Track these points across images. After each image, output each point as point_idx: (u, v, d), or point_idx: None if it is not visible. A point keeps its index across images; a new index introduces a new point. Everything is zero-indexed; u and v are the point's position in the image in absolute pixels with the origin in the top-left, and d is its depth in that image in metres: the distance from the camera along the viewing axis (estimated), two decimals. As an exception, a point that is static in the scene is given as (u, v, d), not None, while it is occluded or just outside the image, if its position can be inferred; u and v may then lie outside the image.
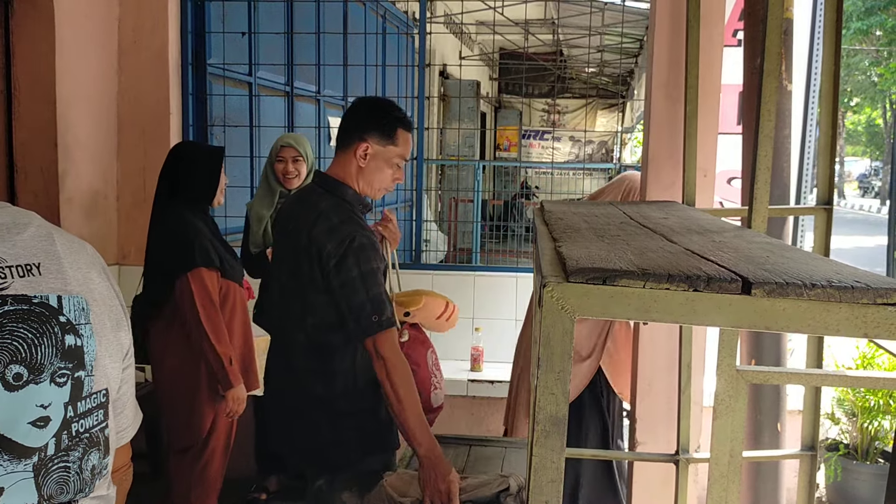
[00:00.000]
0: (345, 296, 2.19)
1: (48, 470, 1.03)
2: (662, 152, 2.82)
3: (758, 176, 1.95)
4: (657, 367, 2.88)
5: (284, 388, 2.42)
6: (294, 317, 2.32)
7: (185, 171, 3.09)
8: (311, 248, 2.22)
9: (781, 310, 0.91)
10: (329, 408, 2.31)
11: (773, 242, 1.34)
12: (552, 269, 1.02)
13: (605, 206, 1.99)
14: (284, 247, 2.38)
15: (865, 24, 19.22)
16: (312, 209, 2.28)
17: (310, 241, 2.23)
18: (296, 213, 2.36)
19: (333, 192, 2.31)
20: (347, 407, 2.31)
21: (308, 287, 2.26)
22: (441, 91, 11.46)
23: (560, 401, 0.95)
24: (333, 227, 2.22)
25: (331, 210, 2.26)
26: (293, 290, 2.32)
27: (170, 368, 3.06)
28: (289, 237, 2.33)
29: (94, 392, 1.09)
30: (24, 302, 1.02)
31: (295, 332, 2.32)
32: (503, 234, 9.67)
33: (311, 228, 2.23)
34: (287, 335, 2.38)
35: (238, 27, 4.79)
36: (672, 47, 2.79)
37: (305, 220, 2.27)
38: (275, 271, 2.46)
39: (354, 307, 2.18)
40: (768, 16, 1.89)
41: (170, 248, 3.00)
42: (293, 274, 2.31)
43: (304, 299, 2.28)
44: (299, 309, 2.29)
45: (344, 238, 2.19)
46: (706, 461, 2.60)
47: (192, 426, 3.05)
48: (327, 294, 2.23)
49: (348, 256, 2.18)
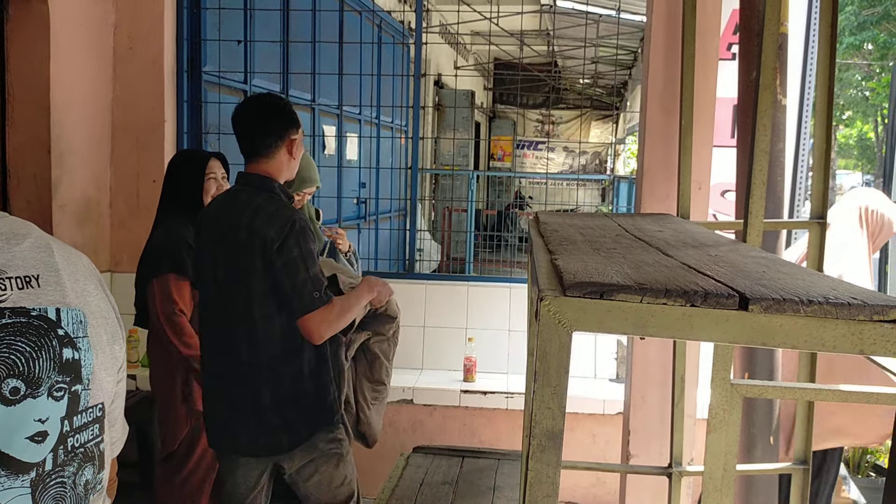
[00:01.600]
0: (288, 275, 2.33)
1: (45, 485, 1.01)
2: (657, 164, 2.83)
3: (753, 190, 1.95)
4: (651, 379, 2.88)
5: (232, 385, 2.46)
6: (237, 313, 2.40)
7: (171, 178, 3.09)
8: (253, 240, 2.34)
9: (778, 326, 0.91)
10: (277, 394, 2.40)
11: (769, 257, 1.34)
12: (549, 283, 1.01)
13: (601, 218, 1.99)
14: (218, 248, 2.46)
15: (858, 39, 19.35)
16: (247, 207, 2.40)
17: (251, 234, 2.35)
18: (226, 214, 2.45)
19: (263, 187, 2.46)
20: (294, 391, 2.41)
21: (252, 279, 2.36)
22: (436, 100, 11.48)
23: (556, 415, 0.94)
24: (271, 214, 2.36)
25: (266, 203, 2.40)
26: (233, 287, 2.41)
27: (153, 376, 3.07)
28: (222, 238, 2.43)
29: (91, 406, 1.08)
30: (23, 315, 1.01)
31: (238, 328, 2.40)
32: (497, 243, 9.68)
33: (251, 223, 2.36)
34: (230, 332, 2.43)
35: (234, 35, 4.79)
36: (667, 60, 2.80)
37: (241, 218, 2.38)
38: (207, 274, 2.51)
39: (297, 285, 2.33)
40: (764, 31, 1.90)
41: (145, 256, 3.02)
42: (232, 271, 2.41)
43: (247, 293, 2.37)
44: (243, 304, 2.38)
45: (285, 223, 2.34)
46: (699, 474, 2.60)
47: (171, 434, 3.04)
48: (270, 279, 2.34)
49: (289, 238, 2.33)
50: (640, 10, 8.08)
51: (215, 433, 2.53)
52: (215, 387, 2.52)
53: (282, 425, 2.41)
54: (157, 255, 2.94)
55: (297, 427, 2.43)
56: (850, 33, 19.24)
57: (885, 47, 19.60)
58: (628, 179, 9.44)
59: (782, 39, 2.62)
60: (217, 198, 2.65)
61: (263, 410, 2.41)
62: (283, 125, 2.50)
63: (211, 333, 2.51)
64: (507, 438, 4.04)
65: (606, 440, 3.95)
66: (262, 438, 2.44)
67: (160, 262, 2.91)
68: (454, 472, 2.62)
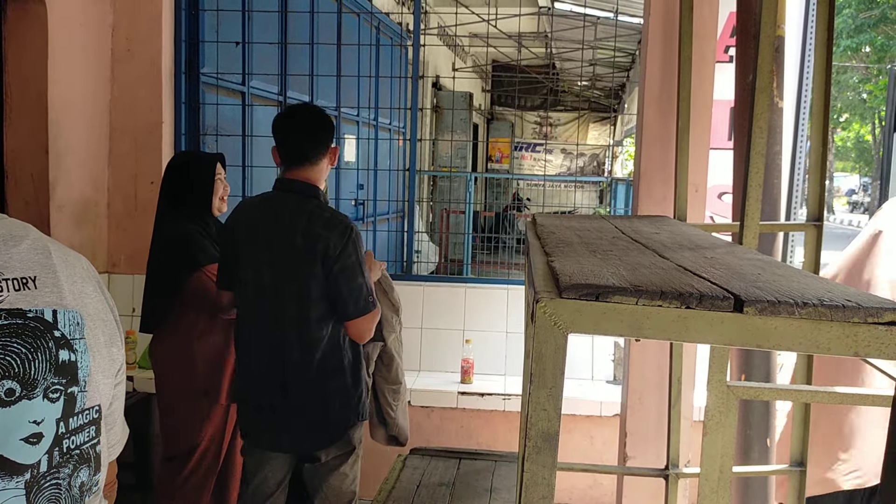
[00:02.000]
0: (346, 279, 2.42)
1: (40, 487, 1.01)
2: (654, 167, 2.84)
3: (749, 192, 1.96)
4: (647, 381, 2.88)
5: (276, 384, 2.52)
6: (288, 314, 2.46)
7: (177, 180, 3.08)
8: (311, 244, 2.41)
9: (773, 328, 0.91)
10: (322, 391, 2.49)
11: (765, 259, 1.35)
12: (545, 285, 1.02)
13: (597, 220, 2.00)
14: (263, 251, 2.49)
15: (855, 41, 19.39)
16: (300, 212, 2.46)
17: (308, 239, 2.41)
18: (273, 218, 2.50)
19: (310, 194, 2.53)
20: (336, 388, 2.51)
21: (307, 282, 2.43)
22: (434, 102, 11.49)
23: (552, 416, 0.95)
24: (329, 220, 2.44)
25: (318, 209, 2.48)
26: (284, 288, 2.46)
27: (165, 373, 3.05)
28: (271, 241, 2.47)
29: (87, 408, 1.08)
30: (19, 316, 1.01)
31: (289, 328, 2.47)
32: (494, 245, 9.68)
33: (307, 228, 2.42)
34: (277, 332, 2.49)
35: (232, 37, 4.79)
36: (664, 63, 2.81)
37: (294, 222, 2.44)
38: (248, 275, 2.54)
39: (354, 289, 2.44)
40: (760, 34, 1.91)
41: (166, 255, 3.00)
42: (284, 274, 2.46)
43: (300, 295, 2.44)
44: (295, 305, 2.45)
45: (344, 229, 2.44)
46: (696, 476, 2.60)
47: (190, 431, 3.02)
48: (325, 282, 2.42)
49: (349, 244, 2.43)
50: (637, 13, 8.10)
51: (255, 430, 2.59)
52: (256, 385, 2.57)
53: (324, 421, 2.51)
54: (183, 254, 2.93)
55: (336, 422, 2.53)
56: (847, 36, 19.29)
57: (883, 50, 19.65)
58: (626, 181, 9.45)
59: (779, 42, 2.63)
60: (252, 202, 2.69)
61: (309, 408, 2.50)
62: (328, 135, 2.60)
63: (252, 333, 2.56)
64: (504, 440, 4.04)
65: (604, 442, 3.96)
66: (304, 434, 2.53)
67: (192, 259, 2.90)
68: (451, 473, 2.62)
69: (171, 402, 3.07)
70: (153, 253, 3.09)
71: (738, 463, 2.73)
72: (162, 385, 3.10)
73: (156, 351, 3.09)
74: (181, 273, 2.94)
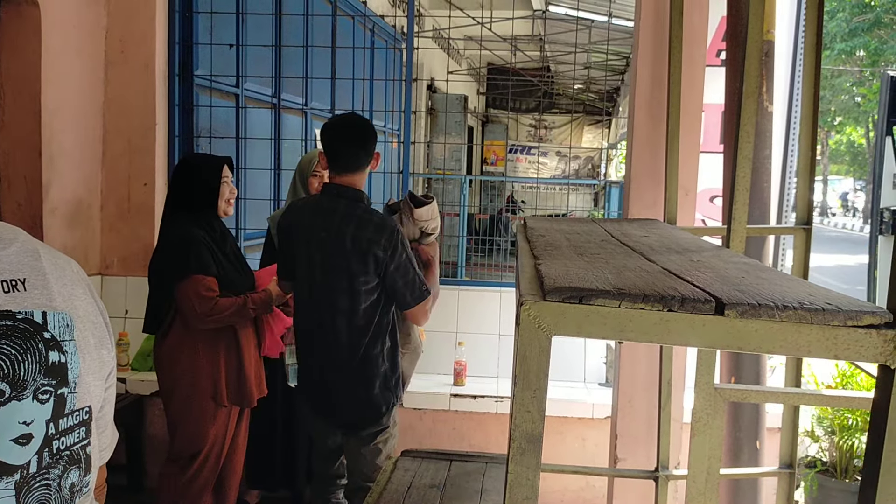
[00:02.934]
0: (401, 274, 2.71)
1: (30, 488, 1.02)
2: (645, 170, 2.85)
3: (736, 196, 1.97)
4: (637, 383, 2.90)
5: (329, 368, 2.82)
6: (340, 307, 2.73)
7: (184, 182, 3.09)
8: (360, 245, 2.67)
9: (753, 331, 0.92)
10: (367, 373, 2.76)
11: (750, 262, 1.36)
12: (530, 288, 1.03)
13: (587, 223, 2.01)
14: (316, 251, 2.76)
15: (849, 45, 19.47)
16: (350, 216, 2.72)
17: (357, 241, 2.68)
18: (323, 222, 2.75)
19: (357, 199, 2.77)
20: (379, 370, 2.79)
21: (357, 278, 2.69)
22: (428, 105, 11.50)
23: (536, 418, 0.96)
24: (377, 224, 2.71)
25: (366, 213, 2.75)
26: (336, 285, 2.72)
27: (171, 376, 3.06)
28: (322, 243, 2.74)
29: (77, 409, 1.08)
30: (8, 318, 1.01)
31: (340, 319, 2.74)
32: (488, 248, 9.69)
33: (356, 231, 2.68)
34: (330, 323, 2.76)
35: (226, 39, 4.79)
36: (655, 67, 2.83)
37: (343, 226, 2.70)
38: (302, 274, 2.81)
39: (409, 282, 2.73)
40: (747, 40, 1.93)
41: (162, 261, 3.02)
42: (335, 272, 2.72)
43: (351, 289, 2.71)
44: (347, 299, 2.71)
45: (391, 231, 2.70)
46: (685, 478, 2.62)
47: (197, 432, 3.04)
48: (378, 279, 2.70)
49: (397, 244, 2.70)
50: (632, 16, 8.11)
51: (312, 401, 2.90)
52: (313, 370, 2.87)
53: (365, 400, 2.78)
54: (179, 258, 2.95)
55: (378, 402, 2.79)
56: (841, 40, 19.36)
57: (876, 54, 19.72)
58: (620, 184, 9.47)
59: (768, 47, 2.65)
60: (304, 205, 2.91)
61: (353, 388, 2.77)
62: (374, 144, 2.83)
63: (308, 326, 2.84)
64: (496, 442, 4.05)
65: (595, 443, 3.97)
66: (348, 410, 2.82)
67: (185, 265, 2.94)
68: (442, 475, 2.63)
69: (173, 406, 3.08)
70: (154, 253, 3.12)
71: (729, 465, 2.74)
72: (164, 388, 3.12)
73: (157, 353, 3.12)
74: (173, 277, 2.96)
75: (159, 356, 3.10)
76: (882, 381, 0.93)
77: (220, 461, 3.14)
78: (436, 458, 2.80)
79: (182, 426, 3.07)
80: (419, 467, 2.74)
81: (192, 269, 2.93)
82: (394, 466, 2.72)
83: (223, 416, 3.08)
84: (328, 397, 2.86)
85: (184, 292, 2.93)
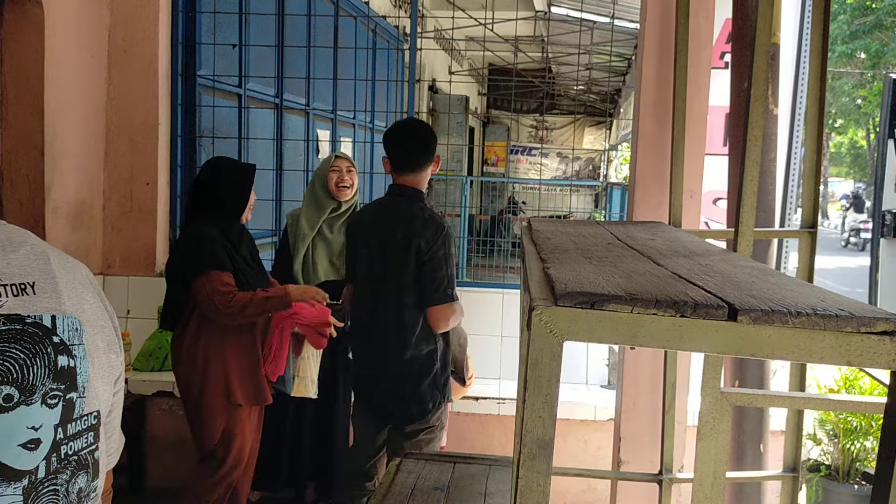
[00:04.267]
0: (431, 270, 2.80)
1: (38, 493, 1.01)
2: (650, 172, 2.85)
3: (744, 200, 1.97)
4: (641, 386, 2.89)
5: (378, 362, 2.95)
6: (391, 303, 2.86)
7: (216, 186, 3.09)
8: (409, 241, 2.81)
9: (766, 337, 0.91)
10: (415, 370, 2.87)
11: (759, 267, 1.35)
12: (541, 292, 1.02)
13: (593, 226, 2.00)
14: (374, 249, 2.92)
15: (850, 47, 19.47)
16: (405, 213, 2.88)
17: (406, 235, 2.82)
18: (383, 221, 2.93)
19: (415, 197, 2.93)
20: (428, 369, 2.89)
21: (403, 273, 2.83)
22: (430, 106, 11.50)
23: (547, 424, 0.95)
24: (426, 220, 2.84)
25: (420, 210, 2.89)
26: (389, 280, 2.87)
27: (188, 375, 3.08)
28: (381, 241, 2.89)
29: (86, 414, 1.08)
30: (18, 322, 1.01)
31: (390, 314, 2.87)
32: (490, 249, 9.68)
33: (407, 227, 2.83)
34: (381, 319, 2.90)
35: (229, 39, 4.79)
36: (660, 69, 2.82)
37: (398, 222, 2.86)
38: (363, 272, 2.96)
39: (436, 280, 2.81)
40: (756, 43, 1.92)
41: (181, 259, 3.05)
42: (389, 268, 2.87)
43: (400, 285, 2.84)
44: (396, 294, 2.85)
45: (438, 227, 2.83)
46: (689, 481, 2.61)
47: (209, 430, 3.07)
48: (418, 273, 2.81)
49: (438, 240, 2.80)
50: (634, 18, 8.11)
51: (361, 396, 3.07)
52: (363, 363, 3.02)
53: (413, 395, 2.88)
54: (194, 255, 2.99)
55: (425, 399, 2.89)
56: (842, 42, 19.35)
57: (877, 56, 19.71)
58: (621, 186, 9.47)
59: (774, 49, 2.64)
60: (370, 205, 3.17)
61: (403, 382, 2.88)
62: (433, 145, 3.00)
63: (364, 315, 2.98)
64: (499, 444, 4.04)
65: (598, 446, 3.96)
66: (396, 405, 2.92)
67: (201, 261, 2.96)
68: (445, 477, 2.62)
69: (189, 404, 3.11)
70: (172, 251, 3.17)
71: (732, 468, 2.74)
72: (182, 386, 3.15)
73: (174, 352, 3.15)
74: (189, 274, 2.99)
75: (177, 355, 3.12)
76: (895, 387, 0.92)
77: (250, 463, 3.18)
78: (439, 460, 2.79)
79: (196, 424, 3.09)
80: (422, 469, 2.73)
81: (209, 265, 2.95)
82: (397, 469, 2.71)
83: (243, 416, 3.09)
84: (378, 391, 2.99)
85: (201, 287, 2.95)
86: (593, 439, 3.98)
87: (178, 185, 4.46)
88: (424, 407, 2.91)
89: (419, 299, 2.84)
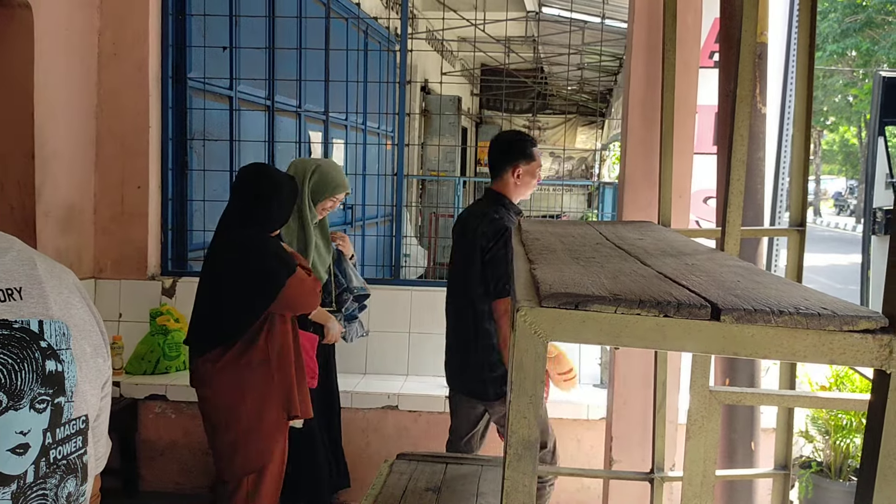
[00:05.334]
0: (494, 267, 3.10)
1: (27, 498, 1.01)
2: (639, 172, 2.86)
3: (731, 200, 1.98)
4: (632, 385, 2.90)
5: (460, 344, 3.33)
6: (464, 293, 3.24)
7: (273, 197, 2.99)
8: (477, 237, 3.17)
9: (750, 336, 0.92)
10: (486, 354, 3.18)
11: (745, 266, 1.36)
12: (525, 293, 1.03)
13: (582, 226, 2.01)
14: (460, 246, 3.32)
15: (841, 46, 19.53)
16: (482, 215, 3.23)
17: (475, 234, 3.18)
18: (464, 220, 3.36)
19: (495, 200, 3.28)
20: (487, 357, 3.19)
21: (471, 267, 3.18)
22: (422, 107, 11.49)
23: (532, 424, 0.96)
24: (493, 221, 3.16)
25: (492, 213, 3.21)
26: (464, 274, 3.23)
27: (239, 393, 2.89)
28: (464, 239, 3.27)
29: (74, 418, 1.08)
30: (5, 327, 1.01)
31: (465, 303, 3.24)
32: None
33: (477, 226, 3.19)
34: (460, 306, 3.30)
35: (219, 41, 4.78)
36: (648, 69, 2.83)
37: (473, 223, 3.23)
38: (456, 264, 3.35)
39: (498, 275, 3.08)
40: (741, 42, 1.93)
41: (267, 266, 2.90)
42: (463, 261, 3.24)
43: (467, 278, 3.21)
44: (463, 285, 3.23)
45: (499, 228, 3.13)
46: (681, 479, 2.62)
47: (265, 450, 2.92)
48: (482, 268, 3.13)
49: (500, 240, 3.09)
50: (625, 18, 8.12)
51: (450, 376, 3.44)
52: (451, 346, 3.41)
53: (489, 378, 3.18)
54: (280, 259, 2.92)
55: (498, 382, 3.15)
56: (833, 40, 19.41)
57: (868, 54, 19.78)
58: (613, 185, 9.48)
59: (761, 49, 2.65)
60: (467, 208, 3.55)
61: (478, 364, 3.20)
62: (511, 156, 3.26)
63: (450, 308, 3.39)
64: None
65: (591, 445, 3.97)
66: (475, 385, 3.24)
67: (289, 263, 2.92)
68: (437, 478, 2.63)
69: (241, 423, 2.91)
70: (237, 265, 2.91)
71: (723, 466, 2.75)
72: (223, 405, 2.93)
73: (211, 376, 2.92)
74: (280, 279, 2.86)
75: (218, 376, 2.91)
76: (878, 385, 0.93)
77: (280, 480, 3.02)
78: (431, 460, 2.80)
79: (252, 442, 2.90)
80: (415, 470, 2.73)
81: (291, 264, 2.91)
82: (389, 470, 2.72)
83: (285, 430, 3.00)
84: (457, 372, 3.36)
85: (297, 284, 2.88)
86: (586, 438, 3.99)
87: (169, 188, 4.45)
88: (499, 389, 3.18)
89: (483, 291, 3.15)
